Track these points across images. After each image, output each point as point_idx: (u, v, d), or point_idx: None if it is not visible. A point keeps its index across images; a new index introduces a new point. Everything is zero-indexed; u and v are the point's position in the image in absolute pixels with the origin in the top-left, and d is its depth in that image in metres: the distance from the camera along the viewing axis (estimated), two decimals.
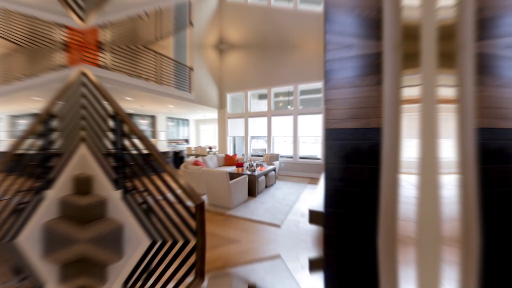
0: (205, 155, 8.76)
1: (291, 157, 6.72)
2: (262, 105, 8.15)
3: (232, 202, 3.50)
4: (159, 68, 5.45)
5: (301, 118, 6.52)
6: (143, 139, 1.56)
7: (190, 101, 6.36)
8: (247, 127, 7.50)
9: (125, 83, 4.32)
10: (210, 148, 9.84)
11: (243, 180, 3.86)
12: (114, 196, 1.88)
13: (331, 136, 2.12)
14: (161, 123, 10.08)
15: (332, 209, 2.15)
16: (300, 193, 4.48)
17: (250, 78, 7.27)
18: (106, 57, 4.25)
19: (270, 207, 3.60)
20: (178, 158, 8.34)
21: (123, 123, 1.77)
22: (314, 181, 5.76)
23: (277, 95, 7.59)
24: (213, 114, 9.20)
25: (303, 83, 6.37)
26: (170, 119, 10.68)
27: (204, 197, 4.13)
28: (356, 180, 2.01)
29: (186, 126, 11.93)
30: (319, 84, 6.27)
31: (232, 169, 5.02)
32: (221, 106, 7.97)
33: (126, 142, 1.82)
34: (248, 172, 4.40)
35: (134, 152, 1.79)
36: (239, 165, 4.85)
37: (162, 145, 10.00)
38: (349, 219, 2.04)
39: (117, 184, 1.88)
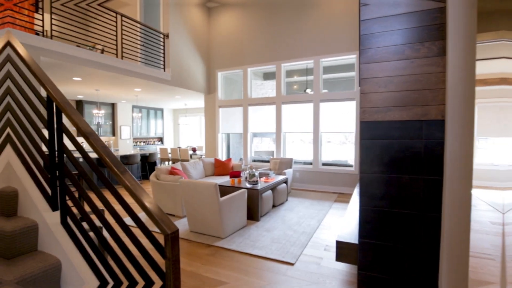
0: (187, 160, 8.79)
1: (310, 163, 6.71)
2: (268, 89, 8.14)
3: (224, 228, 3.49)
4: (121, 35, 5.45)
5: (324, 106, 6.48)
6: (89, 137, 1.53)
7: (165, 83, 6.37)
8: (246, 120, 7.50)
9: (72, 56, 4.33)
10: (194, 150, 9.89)
11: (241, 197, 3.85)
12: (50, 219, 1.86)
13: (370, 132, 2.07)
14: (124, 115, 10.15)
15: (371, 240, 2.10)
16: (323, 216, 4.46)
17: (251, 50, 7.26)
18: (45, 20, 4.25)
19: (279, 236, 3.60)
20: (148, 164, 8.38)
21: (61, 114, 1.74)
22: (343, 198, 5.72)
23: (290, 74, 7.56)
24: (198, 101, 9.24)
25: (328, 56, 6.33)
26: (137, 108, 10.76)
27: (184, 222, 4.12)
28: (406, 198, 1.95)
29: (159, 119, 12.03)
30: (351, 57, 6.22)
31: (225, 180, 5.02)
32: (210, 90, 7.98)
33: (68, 143, 1.80)
34: (248, 185, 4.38)
35: (80, 157, 1.77)
36: (235, 174, 4.84)
37: (126, 146, 10.08)
38: (396, 255, 1.99)
39: (54, 202, 1.86)
